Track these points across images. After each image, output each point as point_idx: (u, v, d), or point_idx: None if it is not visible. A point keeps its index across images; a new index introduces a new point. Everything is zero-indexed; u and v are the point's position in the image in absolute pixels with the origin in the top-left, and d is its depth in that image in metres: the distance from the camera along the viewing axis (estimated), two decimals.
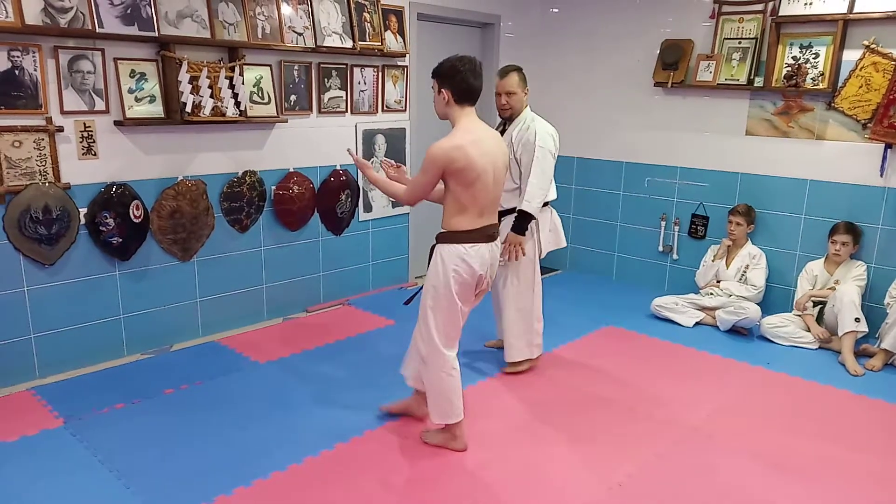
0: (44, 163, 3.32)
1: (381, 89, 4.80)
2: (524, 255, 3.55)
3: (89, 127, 3.46)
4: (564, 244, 3.83)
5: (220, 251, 4.12)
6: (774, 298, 4.73)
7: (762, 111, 4.74)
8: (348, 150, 3.30)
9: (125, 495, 2.58)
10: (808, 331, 4.27)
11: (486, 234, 2.82)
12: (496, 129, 3.45)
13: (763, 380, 3.78)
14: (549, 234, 3.72)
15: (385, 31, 4.64)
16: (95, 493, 2.59)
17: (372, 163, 4.84)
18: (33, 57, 3.20)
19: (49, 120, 3.31)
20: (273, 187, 4.29)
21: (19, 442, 2.91)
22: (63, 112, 3.35)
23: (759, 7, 4.65)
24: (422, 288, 2.90)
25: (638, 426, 3.21)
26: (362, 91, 4.68)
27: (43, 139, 3.30)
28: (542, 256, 3.71)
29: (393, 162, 3.19)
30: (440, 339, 2.82)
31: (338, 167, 4.60)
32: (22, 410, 3.19)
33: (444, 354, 2.83)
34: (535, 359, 3.79)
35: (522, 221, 3.49)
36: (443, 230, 2.83)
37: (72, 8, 3.22)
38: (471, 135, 2.73)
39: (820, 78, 4.40)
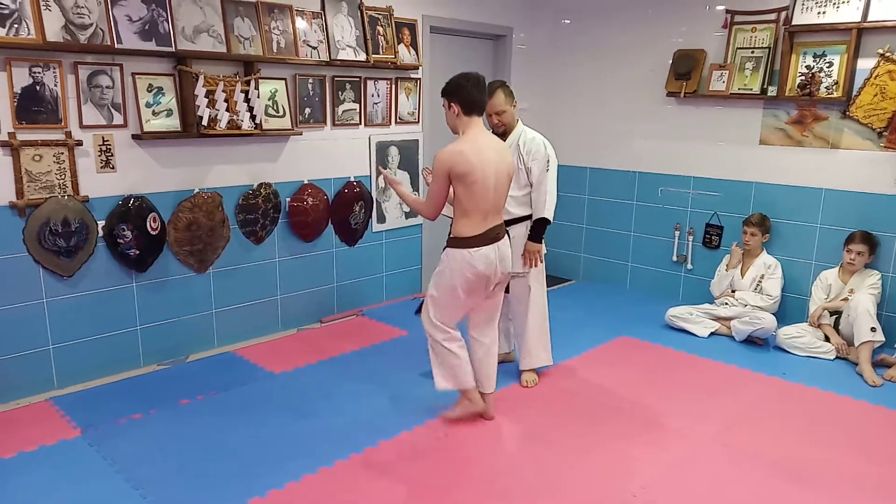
0: (63, 176, 3.38)
1: (394, 101, 4.84)
2: (541, 262, 3.61)
3: (108, 141, 3.51)
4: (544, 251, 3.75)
5: (236, 263, 4.16)
6: (790, 308, 4.69)
7: (776, 120, 4.73)
8: (378, 168, 3.38)
9: None
10: (826, 340, 4.23)
11: (489, 237, 3.02)
12: None
13: (779, 391, 3.75)
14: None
15: (398, 44, 4.69)
16: (112, 503, 2.61)
17: None
18: (54, 73, 3.26)
19: (68, 134, 3.37)
20: (288, 199, 4.33)
21: (38, 452, 2.94)
22: (82, 126, 3.41)
23: (772, 16, 4.65)
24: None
25: (652, 437, 3.20)
26: (376, 103, 4.72)
27: (62, 153, 3.35)
28: None
29: (431, 168, 3.23)
30: (445, 323, 3.13)
31: (351, 179, 4.63)
32: (40, 420, 3.22)
33: (446, 330, 3.12)
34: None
35: (540, 229, 3.55)
36: (451, 235, 3.09)
37: (91, 24, 3.29)
38: (473, 143, 2.96)
39: (834, 87, 4.39)
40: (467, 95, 2.97)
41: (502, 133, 3.56)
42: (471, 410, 3.23)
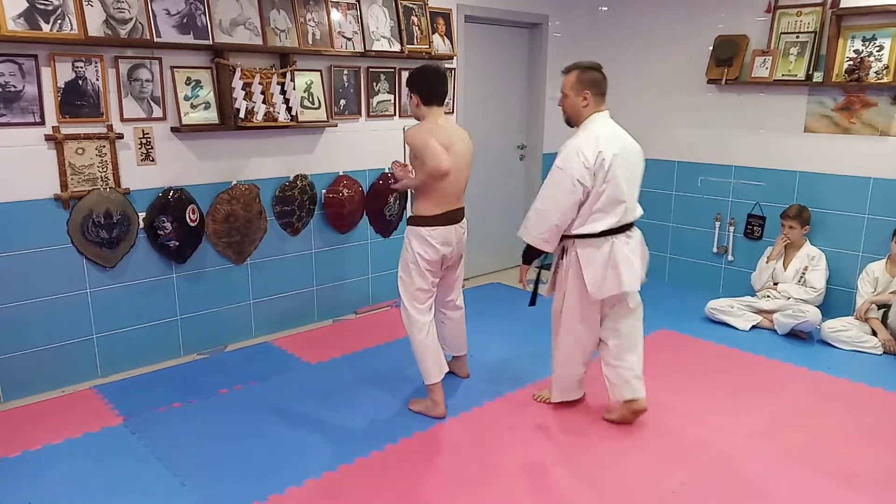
0: (105, 169, 3.44)
1: None
2: (526, 287, 3.22)
3: (147, 134, 3.57)
4: (628, 288, 2.96)
5: (273, 254, 4.20)
6: (835, 301, 4.56)
7: (821, 107, 4.58)
8: (394, 161, 3.49)
9: (181, 492, 2.65)
10: (873, 335, 4.10)
11: (448, 219, 3.15)
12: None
13: (824, 386, 3.64)
14: (609, 271, 2.96)
15: (433, 33, 4.66)
16: (153, 489, 2.67)
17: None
18: (95, 67, 3.32)
19: (110, 127, 3.43)
20: (323, 191, 4.35)
21: (83, 438, 3.02)
22: (123, 120, 3.47)
23: (818, 0, 4.50)
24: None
25: (692, 432, 3.14)
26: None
27: (104, 146, 3.42)
28: (593, 299, 3.01)
29: (400, 162, 3.60)
30: (414, 308, 3.21)
31: (386, 170, 4.63)
32: (85, 408, 3.31)
33: (420, 320, 3.20)
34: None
35: (526, 249, 3.09)
36: (411, 214, 3.20)
37: (131, 19, 3.33)
38: (438, 128, 3.08)
39: (884, 71, 4.23)
40: (425, 86, 3.09)
41: (567, 121, 3.18)
42: (432, 413, 3.21)
